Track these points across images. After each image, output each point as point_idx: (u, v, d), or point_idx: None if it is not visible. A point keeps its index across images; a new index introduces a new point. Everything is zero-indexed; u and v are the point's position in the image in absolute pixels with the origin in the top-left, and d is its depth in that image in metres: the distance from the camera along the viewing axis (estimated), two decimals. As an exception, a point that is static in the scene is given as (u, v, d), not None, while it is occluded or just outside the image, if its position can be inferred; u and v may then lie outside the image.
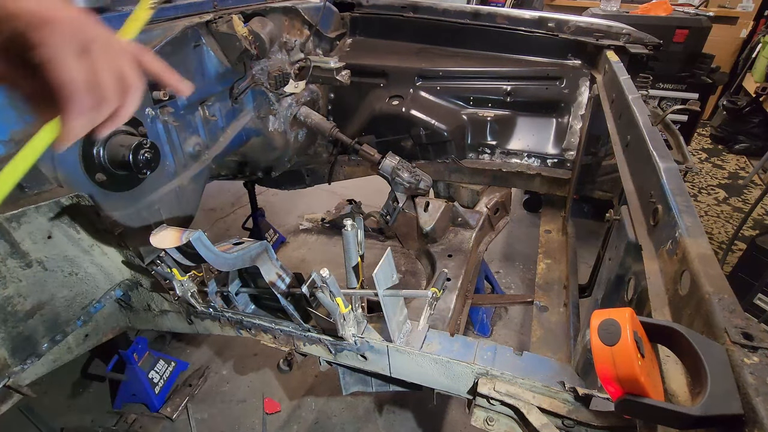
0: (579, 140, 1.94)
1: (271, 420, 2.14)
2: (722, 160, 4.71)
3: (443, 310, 1.57)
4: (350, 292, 1.07)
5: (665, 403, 0.51)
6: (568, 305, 1.53)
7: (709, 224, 3.59)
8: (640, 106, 1.15)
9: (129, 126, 1.19)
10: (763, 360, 0.50)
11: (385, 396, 2.21)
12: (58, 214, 1.17)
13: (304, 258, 2.07)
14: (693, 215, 0.73)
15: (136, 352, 2.11)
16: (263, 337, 1.26)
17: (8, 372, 1.16)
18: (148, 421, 2.13)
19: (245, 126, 1.72)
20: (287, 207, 3.86)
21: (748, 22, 5.06)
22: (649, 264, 0.79)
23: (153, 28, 1.25)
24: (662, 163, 0.88)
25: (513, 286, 2.97)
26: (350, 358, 1.17)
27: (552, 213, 2.16)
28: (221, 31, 1.44)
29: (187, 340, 2.57)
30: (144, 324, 1.54)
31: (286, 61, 1.85)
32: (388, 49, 2.19)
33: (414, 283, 1.89)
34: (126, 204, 1.19)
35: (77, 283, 1.31)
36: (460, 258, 1.86)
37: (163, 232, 1.03)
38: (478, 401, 1.01)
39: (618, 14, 3.59)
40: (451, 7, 2.12)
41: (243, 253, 1.06)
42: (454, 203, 2.06)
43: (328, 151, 2.33)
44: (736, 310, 0.56)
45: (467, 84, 2.07)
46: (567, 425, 0.91)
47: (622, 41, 1.84)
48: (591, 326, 0.53)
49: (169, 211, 1.33)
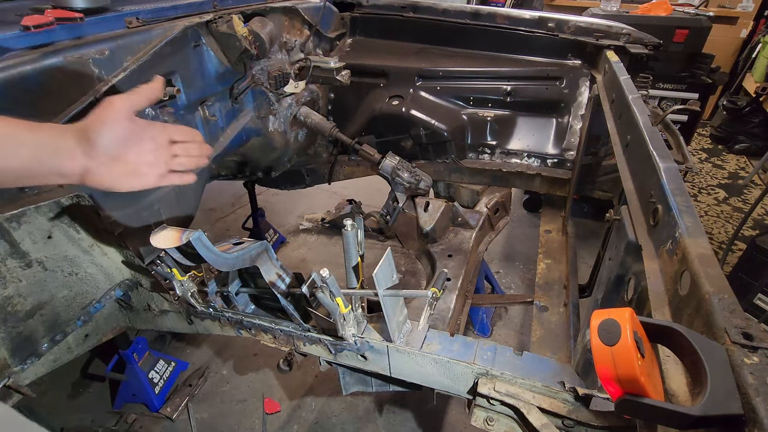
0: (579, 140, 1.94)
1: (271, 420, 2.14)
2: (722, 160, 4.71)
3: (443, 310, 1.57)
4: (350, 292, 1.07)
5: (665, 403, 0.51)
6: (568, 305, 1.53)
7: (709, 224, 3.59)
8: (640, 106, 1.15)
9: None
10: (763, 360, 0.50)
11: (385, 396, 2.21)
12: (58, 214, 1.17)
13: (304, 258, 2.07)
14: (693, 215, 0.73)
15: (136, 352, 2.11)
16: (263, 337, 1.26)
17: (8, 372, 1.15)
18: (148, 421, 2.13)
19: (245, 126, 1.72)
20: (287, 207, 3.85)
21: (748, 22, 5.06)
22: (649, 264, 0.79)
23: (153, 28, 1.25)
24: (662, 163, 0.88)
25: (513, 286, 2.97)
26: (350, 358, 1.17)
27: (552, 213, 2.16)
28: (221, 31, 1.44)
29: (187, 340, 2.57)
30: (144, 324, 1.54)
31: (286, 61, 1.85)
32: (388, 49, 2.19)
33: (414, 283, 1.89)
34: (126, 204, 1.19)
35: (77, 283, 1.31)
36: (460, 258, 1.86)
37: (163, 232, 1.02)
38: (478, 401, 1.01)
39: (618, 14, 3.59)
40: (451, 7, 2.12)
41: (243, 253, 1.06)
42: (454, 203, 2.06)
43: (328, 151, 2.33)
44: (736, 310, 0.56)
45: (467, 84, 2.07)
46: (567, 425, 0.91)
47: (622, 41, 1.84)
48: (591, 326, 0.53)
49: (169, 211, 1.33)
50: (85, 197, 1.08)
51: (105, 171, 0.71)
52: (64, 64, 1.00)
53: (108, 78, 1.09)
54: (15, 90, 0.92)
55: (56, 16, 1.05)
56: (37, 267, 1.19)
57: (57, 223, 1.18)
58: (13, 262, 1.13)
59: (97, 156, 0.70)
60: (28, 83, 0.94)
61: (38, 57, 0.96)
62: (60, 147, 0.67)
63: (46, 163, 0.66)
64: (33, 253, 1.17)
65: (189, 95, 1.39)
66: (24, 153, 0.64)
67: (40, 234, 1.16)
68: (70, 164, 0.68)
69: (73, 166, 0.69)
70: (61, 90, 1.00)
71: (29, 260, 1.17)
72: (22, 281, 1.17)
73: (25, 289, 1.18)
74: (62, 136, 0.68)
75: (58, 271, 1.25)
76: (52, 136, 0.67)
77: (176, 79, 1.34)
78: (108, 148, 0.71)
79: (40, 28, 1.00)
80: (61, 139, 0.68)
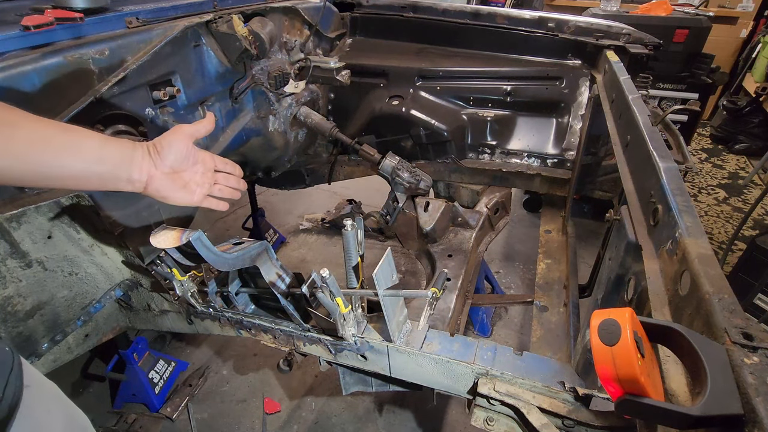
0: (579, 140, 1.94)
1: (271, 420, 2.14)
2: (722, 160, 4.71)
3: (443, 310, 1.57)
4: (350, 292, 1.07)
5: (665, 403, 0.51)
6: (568, 305, 1.53)
7: (709, 224, 3.59)
8: (640, 106, 1.15)
9: (129, 126, 1.19)
10: (763, 360, 0.50)
11: (385, 396, 2.21)
12: (58, 214, 1.17)
13: (304, 258, 2.07)
14: (693, 215, 0.73)
15: (136, 352, 2.11)
16: (263, 337, 1.26)
17: (8, 372, 1.15)
18: (148, 421, 2.13)
19: (245, 126, 1.72)
20: (287, 207, 3.86)
21: (748, 22, 5.06)
22: (649, 264, 0.79)
23: (153, 28, 1.25)
24: (662, 163, 0.88)
25: (513, 286, 2.97)
26: (350, 358, 1.17)
27: (552, 213, 2.16)
28: (221, 31, 1.44)
29: (187, 340, 2.57)
30: (144, 324, 1.54)
31: (286, 61, 1.85)
32: (388, 49, 2.19)
33: (414, 283, 1.89)
34: (126, 204, 1.19)
35: (77, 283, 1.31)
36: (460, 258, 1.86)
37: (163, 232, 1.03)
38: (478, 401, 1.01)
39: (618, 14, 3.58)
40: (451, 7, 2.12)
41: (243, 253, 1.06)
42: (454, 203, 2.06)
43: (328, 151, 2.33)
44: (736, 310, 0.56)
45: (467, 84, 2.07)
46: (567, 425, 0.91)
47: (622, 41, 1.84)
48: (591, 326, 0.53)
49: (169, 211, 1.33)
50: (85, 197, 1.08)
51: (165, 182, 0.85)
52: (64, 64, 1.00)
53: (108, 78, 1.09)
54: (15, 90, 0.92)
55: (56, 16, 1.05)
56: (37, 267, 1.20)
57: (57, 223, 1.18)
58: (13, 262, 1.13)
59: (162, 167, 0.84)
60: (28, 83, 0.94)
61: (38, 57, 0.96)
62: (134, 157, 0.81)
63: (123, 170, 0.79)
64: (33, 253, 1.17)
65: (189, 95, 1.39)
66: (109, 160, 0.77)
67: (40, 234, 1.16)
68: (139, 172, 0.81)
69: (141, 175, 0.82)
70: (61, 90, 1.00)
71: (29, 260, 1.17)
72: (22, 281, 1.17)
73: (25, 289, 1.18)
74: (135, 149, 0.82)
75: (58, 271, 1.25)
76: (127, 148, 0.81)
77: (176, 79, 1.34)
78: (172, 162, 0.86)
79: (40, 28, 1.00)
80: (134, 152, 0.81)
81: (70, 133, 0.74)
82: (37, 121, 0.71)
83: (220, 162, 0.98)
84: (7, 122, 0.67)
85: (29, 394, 0.73)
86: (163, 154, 0.85)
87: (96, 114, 1.10)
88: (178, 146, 0.86)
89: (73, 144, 0.73)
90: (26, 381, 0.74)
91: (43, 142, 0.70)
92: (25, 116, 0.69)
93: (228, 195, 0.99)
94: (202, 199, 0.93)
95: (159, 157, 0.84)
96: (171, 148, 0.85)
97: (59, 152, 0.71)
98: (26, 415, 0.71)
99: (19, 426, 0.69)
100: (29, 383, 0.75)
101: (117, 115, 1.16)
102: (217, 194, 0.97)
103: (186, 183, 0.90)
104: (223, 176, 0.98)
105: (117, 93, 1.13)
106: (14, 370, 0.72)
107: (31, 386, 0.75)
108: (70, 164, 0.73)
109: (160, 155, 0.84)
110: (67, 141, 0.73)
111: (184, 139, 0.88)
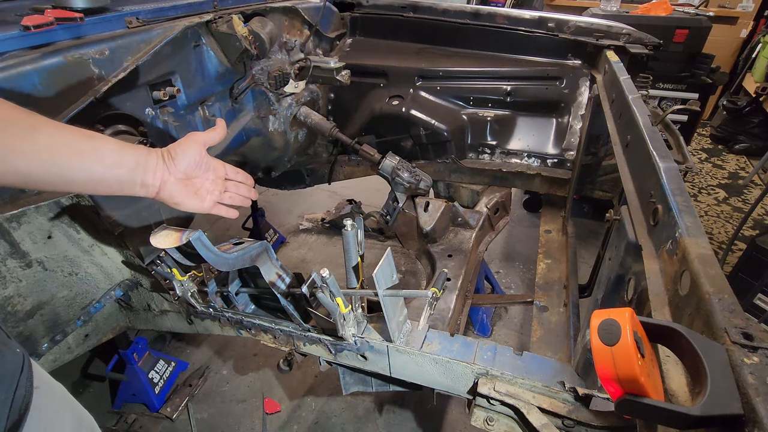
0: (579, 140, 1.94)
1: (271, 420, 2.14)
2: (722, 160, 4.71)
3: (443, 310, 1.57)
4: (350, 292, 1.07)
5: (665, 403, 0.51)
6: (568, 305, 1.53)
7: (709, 224, 3.59)
8: (640, 106, 1.15)
9: (129, 126, 1.19)
10: (763, 360, 0.50)
11: (385, 396, 2.21)
12: (58, 214, 1.17)
13: (304, 258, 2.07)
14: (693, 215, 0.73)
15: (136, 352, 2.11)
16: (263, 337, 1.26)
17: (8, 372, 1.15)
18: (148, 421, 2.13)
19: (245, 126, 1.72)
20: (287, 207, 3.85)
21: (748, 22, 5.06)
22: (649, 264, 0.79)
23: (153, 28, 1.25)
24: (662, 163, 0.88)
25: (513, 286, 2.97)
26: (350, 358, 1.17)
27: (552, 213, 2.16)
28: (221, 31, 1.44)
29: (187, 340, 2.57)
30: (144, 324, 1.54)
31: (286, 61, 1.85)
32: (388, 49, 2.19)
33: (414, 283, 1.89)
34: (126, 204, 1.19)
35: (77, 283, 1.31)
36: (460, 258, 1.86)
37: (163, 232, 1.03)
38: (478, 401, 1.01)
39: (618, 14, 3.58)
40: (451, 7, 2.12)
41: (243, 253, 1.06)
42: (454, 203, 2.06)
43: (328, 151, 2.33)
44: (736, 310, 0.56)
45: (467, 84, 2.07)
46: (567, 425, 0.91)
47: (622, 41, 1.84)
48: (591, 326, 0.53)
49: (169, 211, 1.33)
50: (85, 197, 1.08)
51: (177, 188, 0.87)
52: (64, 64, 1.00)
53: (108, 78, 1.09)
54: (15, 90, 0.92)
55: (56, 16, 1.05)
56: (37, 267, 1.20)
57: (57, 223, 1.18)
58: (13, 262, 1.13)
59: (175, 173, 0.86)
60: (28, 83, 0.94)
61: (38, 57, 0.96)
62: (149, 162, 0.82)
63: (138, 175, 0.81)
64: (33, 253, 1.17)
65: (189, 95, 1.39)
66: (126, 165, 0.78)
67: (40, 234, 1.16)
68: (153, 177, 0.83)
69: (155, 180, 0.83)
70: (61, 90, 1.00)
71: (29, 260, 1.17)
72: (22, 281, 1.17)
73: (25, 289, 1.18)
74: (149, 154, 0.83)
75: (58, 271, 1.25)
76: (142, 153, 0.82)
77: (176, 79, 1.34)
78: (185, 168, 0.87)
79: (40, 28, 1.00)
80: (149, 157, 0.83)
81: (89, 137, 0.75)
82: (58, 125, 0.71)
83: (231, 170, 0.99)
84: (30, 126, 0.67)
85: (39, 396, 0.73)
86: (177, 160, 0.86)
87: (96, 114, 1.10)
88: (192, 153, 0.88)
89: (94, 148, 0.74)
90: (36, 382, 0.74)
91: (65, 146, 0.71)
92: (46, 121, 0.70)
93: (238, 203, 1.00)
94: (211, 205, 0.94)
95: (173, 163, 0.86)
96: (185, 154, 0.87)
97: (81, 156, 0.72)
98: (36, 417, 0.71)
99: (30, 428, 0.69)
100: (38, 384, 0.75)
101: (117, 115, 1.16)
102: (228, 202, 0.98)
103: (197, 189, 0.91)
104: (234, 184, 0.99)
105: (117, 93, 1.13)
106: (24, 372, 0.72)
107: (41, 387, 0.75)
108: (91, 168, 0.74)
109: (174, 161, 0.86)
110: (88, 145, 0.74)
111: (198, 146, 0.90)
